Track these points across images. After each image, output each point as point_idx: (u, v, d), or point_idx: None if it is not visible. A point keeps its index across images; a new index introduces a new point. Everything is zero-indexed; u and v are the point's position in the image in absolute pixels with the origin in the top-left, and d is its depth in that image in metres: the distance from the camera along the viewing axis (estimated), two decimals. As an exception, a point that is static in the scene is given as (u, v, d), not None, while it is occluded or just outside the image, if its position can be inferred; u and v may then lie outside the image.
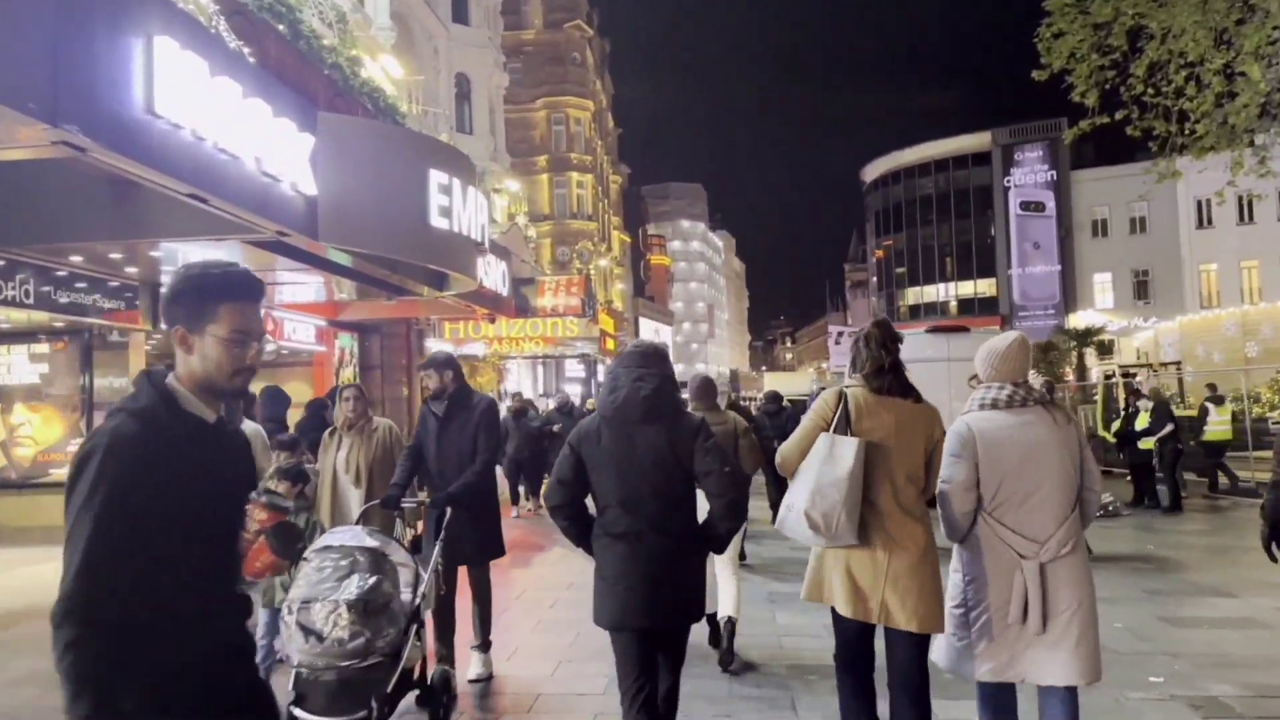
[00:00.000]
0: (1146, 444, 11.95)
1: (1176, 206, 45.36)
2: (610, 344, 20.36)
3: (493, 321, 15.23)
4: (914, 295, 54.38)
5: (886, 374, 3.31)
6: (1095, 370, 35.55)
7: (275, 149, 6.91)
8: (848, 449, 3.16)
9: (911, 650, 3.24)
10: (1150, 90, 12.12)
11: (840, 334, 48.91)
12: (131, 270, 9.31)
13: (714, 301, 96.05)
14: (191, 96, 5.90)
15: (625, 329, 45.83)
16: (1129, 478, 14.22)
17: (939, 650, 3.33)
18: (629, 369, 3.29)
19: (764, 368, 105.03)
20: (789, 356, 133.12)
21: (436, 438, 5.02)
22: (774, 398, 13.52)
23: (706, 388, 5.91)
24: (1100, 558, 8.49)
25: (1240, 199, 43.91)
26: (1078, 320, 41.02)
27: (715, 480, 3.15)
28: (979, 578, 3.19)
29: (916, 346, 12.94)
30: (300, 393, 14.10)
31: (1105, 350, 38.67)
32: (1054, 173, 48.18)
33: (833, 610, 3.30)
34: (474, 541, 4.93)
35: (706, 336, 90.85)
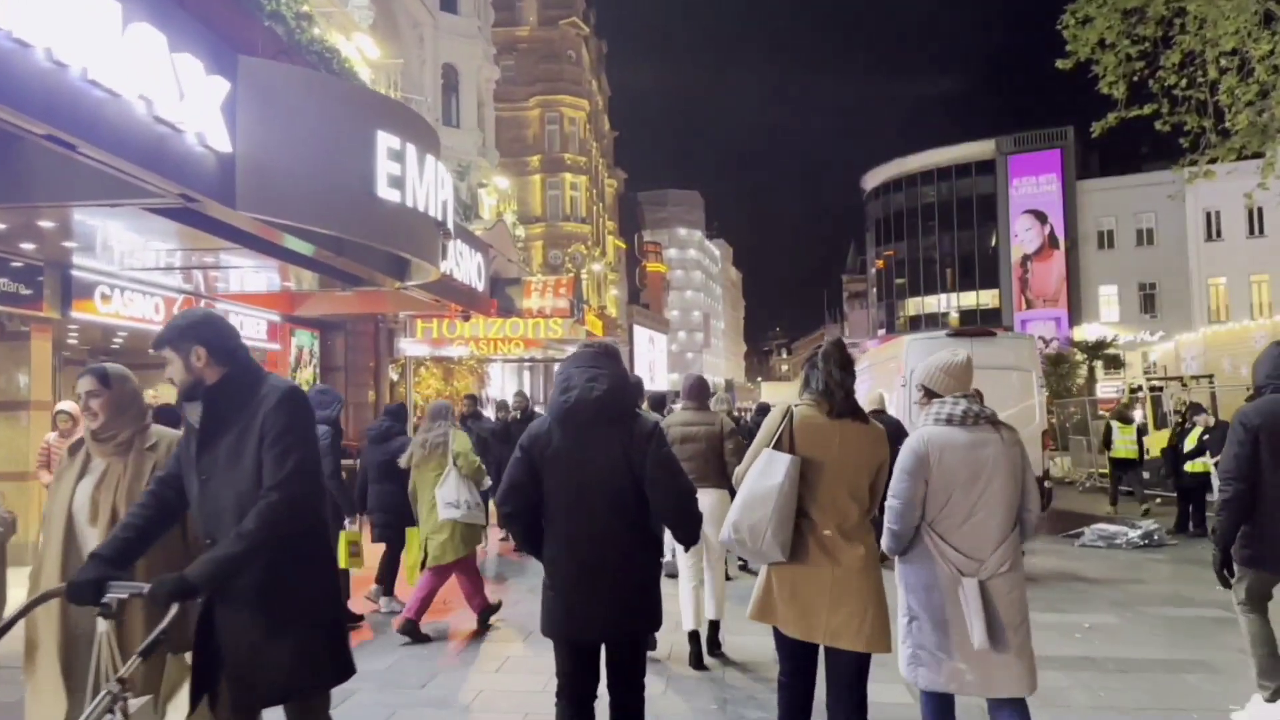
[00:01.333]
0: (1195, 466, 10.66)
1: (1185, 218, 44.33)
2: (598, 348, 19.20)
3: (467, 320, 13.89)
4: (914, 306, 53.19)
5: (838, 396, 3.25)
6: (1102, 385, 34.33)
7: (173, 90, 5.60)
8: (780, 464, 3.14)
9: (853, 669, 3.18)
10: (1183, 83, 11.26)
11: (838, 345, 48.43)
12: (29, 247, 7.98)
13: (710, 311, 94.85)
14: (45, 9, 4.60)
15: (619, 335, 44.54)
16: (1159, 500, 12.98)
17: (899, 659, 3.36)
18: (582, 368, 3.17)
19: (760, 379, 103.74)
20: (785, 368, 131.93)
21: (195, 468, 2.66)
22: (764, 409, 12.97)
23: (700, 387, 5.84)
24: (1167, 601, 7.21)
25: (1251, 211, 43.18)
26: (1082, 333, 39.75)
27: (661, 493, 3.09)
28: (920, 591, 3.23)
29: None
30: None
31: (1115, 364, 37.39)
32: (1060, 182, 47.07)
33: (774, 629, 3.26)
34: (273, 662, 2.57)
35: (702, 346, 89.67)
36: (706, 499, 4.73)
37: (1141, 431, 13.73)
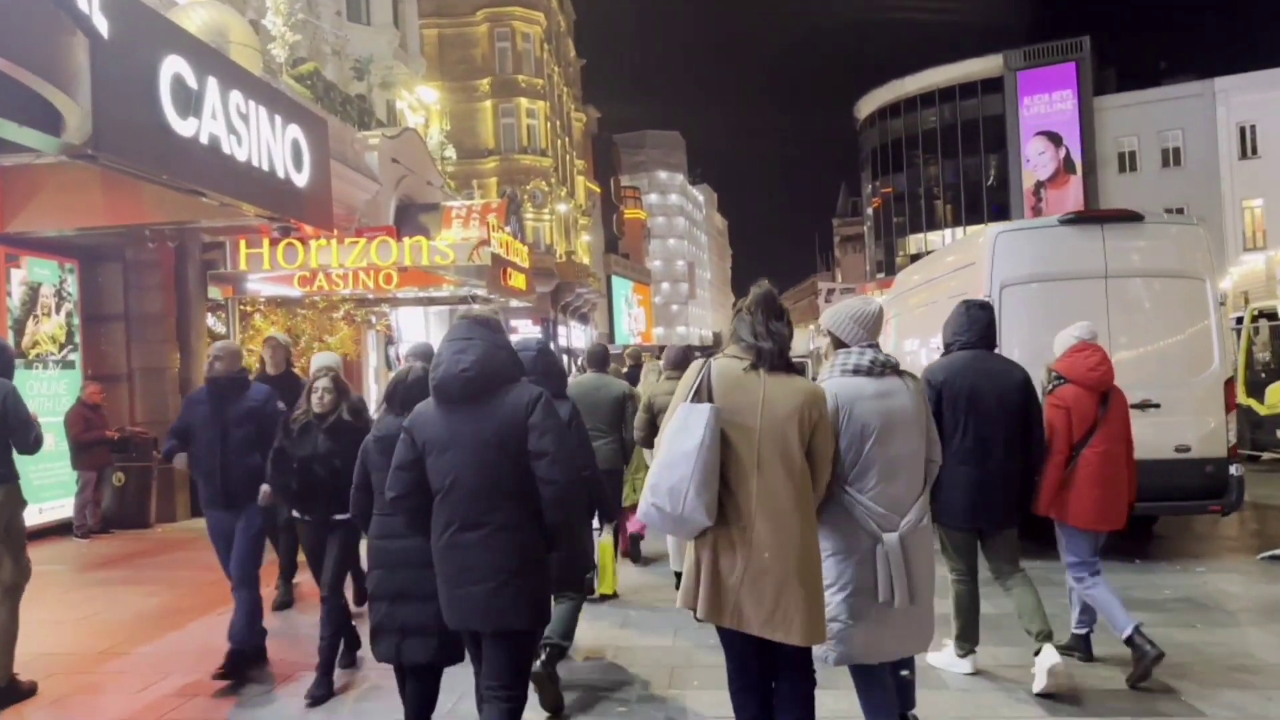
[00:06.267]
0: None
1: (1216, 135, 39.88)
2: (520, 281, 14.16)
3: (286, 235, 9.20)
4: (915, 243, 48.69)
5: (768, 347, 2.93)
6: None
7: None
8: (699, 417, 2.82)
9: (790, 659, 2.87)
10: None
11: (831, 291, 44.04)
12: None
13: (695, 260, 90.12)
14: None
15: (592, 284, 39.79)
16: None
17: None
18: (451, 341, 3.09)
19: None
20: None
21: None
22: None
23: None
24: None
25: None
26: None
27: (545, 465, 2.96)
28: (840, 554, 3.04)
29: (1042, 251, 7.01)
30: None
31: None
32: (1075, 100, 42.38)
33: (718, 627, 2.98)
34: None
35: (687, 297, 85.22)
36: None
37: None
